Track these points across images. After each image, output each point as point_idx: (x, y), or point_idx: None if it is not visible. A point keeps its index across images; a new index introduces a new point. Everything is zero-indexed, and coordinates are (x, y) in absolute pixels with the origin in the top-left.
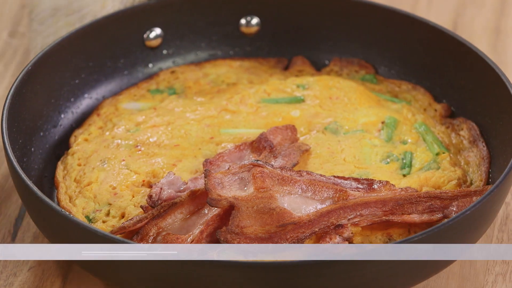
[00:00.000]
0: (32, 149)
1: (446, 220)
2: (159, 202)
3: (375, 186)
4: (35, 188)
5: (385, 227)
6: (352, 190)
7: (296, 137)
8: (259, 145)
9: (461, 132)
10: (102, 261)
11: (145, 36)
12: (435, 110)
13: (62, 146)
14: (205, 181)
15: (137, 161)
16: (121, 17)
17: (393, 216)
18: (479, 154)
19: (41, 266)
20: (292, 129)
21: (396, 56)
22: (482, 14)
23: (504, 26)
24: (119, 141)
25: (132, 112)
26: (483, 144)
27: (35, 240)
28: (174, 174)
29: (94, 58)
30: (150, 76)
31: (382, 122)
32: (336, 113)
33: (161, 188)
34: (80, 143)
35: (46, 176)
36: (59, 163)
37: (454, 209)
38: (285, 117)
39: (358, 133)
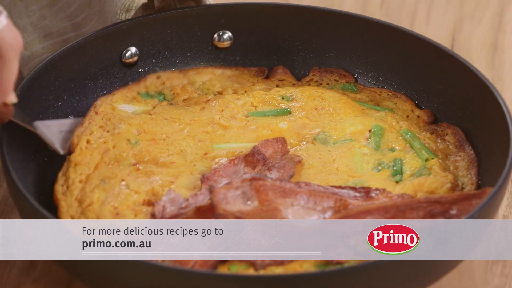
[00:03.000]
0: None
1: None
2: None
3: (373, 194)
4: (33, 202)
5: None
6: (350, 199)
7: (286, 149)
8: (253, 158)
9: (446, 137)
10: (104, 274)
11: (121, 55)
12: (418, 117)
13: (54, 168)
14: (210, 196)
15: (136, 180)
16: (99, 38)
17: None
18: (467, 157)
19: (44, 278)
20: (282, 141)
21: (373, 64)
22: (479, 30)
23: (501, 41)
24: (119, 156)
25: (130, 116)
26: (470, 147)
27: None
28: (175, 192)
29: (75, 79)
30: (139, 79)
31: (369, 131)
32: (323, 123)
33: (163, 206)
34: (82, 148)
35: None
36: (60, 174)
37: (455, 213)
38: (273, 129)
39: (347, 142)
